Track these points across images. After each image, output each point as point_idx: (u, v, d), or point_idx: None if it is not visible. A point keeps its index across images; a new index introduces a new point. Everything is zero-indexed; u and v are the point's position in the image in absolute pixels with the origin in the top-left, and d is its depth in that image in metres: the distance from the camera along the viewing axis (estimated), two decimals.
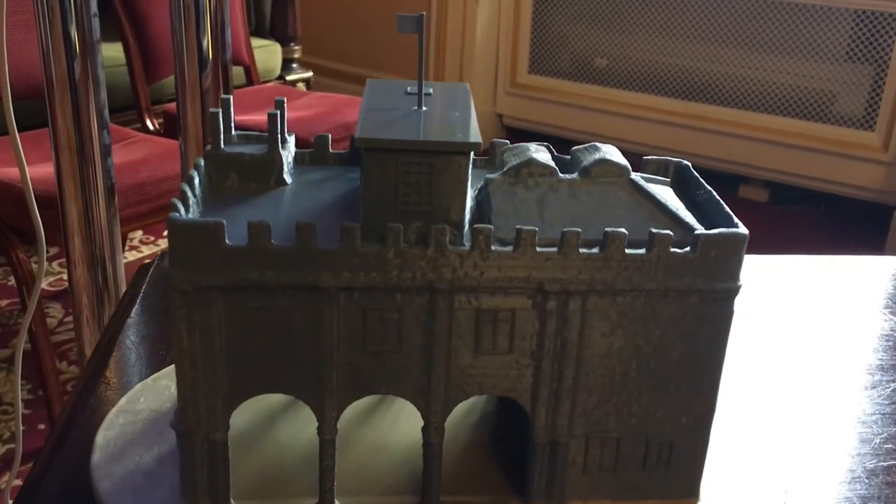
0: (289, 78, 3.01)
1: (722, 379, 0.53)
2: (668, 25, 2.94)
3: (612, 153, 0.54)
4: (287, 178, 0.57)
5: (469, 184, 0.50)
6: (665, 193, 0.55)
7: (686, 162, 0.59)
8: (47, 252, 2.11)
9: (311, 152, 0.60)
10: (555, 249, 0.48)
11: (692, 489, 0.55)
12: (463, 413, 0.62)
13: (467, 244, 0.48)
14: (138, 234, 2.46)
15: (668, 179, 0.58)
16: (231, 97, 0.58)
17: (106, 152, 1.07)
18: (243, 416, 0.61)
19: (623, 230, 0.48)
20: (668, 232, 0.49)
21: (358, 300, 0.49)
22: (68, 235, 1.11)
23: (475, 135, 0.49)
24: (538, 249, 0.48)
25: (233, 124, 0.58)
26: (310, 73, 3.15)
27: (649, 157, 0.59)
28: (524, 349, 0.50)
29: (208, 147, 0.56)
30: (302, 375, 0.50)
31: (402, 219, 0.48)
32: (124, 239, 2.13)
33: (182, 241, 0.47)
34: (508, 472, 0.57)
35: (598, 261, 0.49)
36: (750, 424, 0.65)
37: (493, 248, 0.48)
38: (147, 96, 2.27)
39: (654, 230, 0.49)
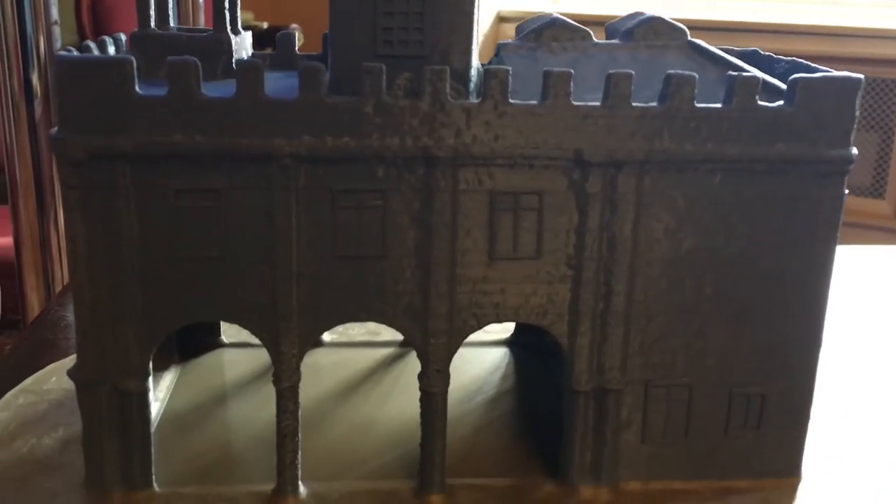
0: None
1: None
2: None
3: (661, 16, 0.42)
4: None
5: (476, 21, 0.36)
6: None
7: (755, 47, 0.46)
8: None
9: (273, 54, 0.47)
10: (597, 104, 0.35)
11: (792, 464, 0.40)
12: (471, 390, 0.47)
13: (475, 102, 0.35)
14: None
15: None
16: None
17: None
18: (183, 394, 0.47)
19: (692, 73, 0.35)
20: (754, 74, 0.35)
21: (324, 178, 0.35)
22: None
23: None
24: (576, 104, 0.35)
25: (171, 9, 0.45)
26: None
27: None
28: (558, 252, 0.36)
29: (135, 30, 0.43)
30: (247, 293, 0.36)
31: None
32: None
33: (74, 88, 0.33)
34: (536, 451, 0.42)
35: (658, 118, 0.35)
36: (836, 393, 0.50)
37: (511, 101, 0.35)
38: None
39: (734, 73, 0.35)
